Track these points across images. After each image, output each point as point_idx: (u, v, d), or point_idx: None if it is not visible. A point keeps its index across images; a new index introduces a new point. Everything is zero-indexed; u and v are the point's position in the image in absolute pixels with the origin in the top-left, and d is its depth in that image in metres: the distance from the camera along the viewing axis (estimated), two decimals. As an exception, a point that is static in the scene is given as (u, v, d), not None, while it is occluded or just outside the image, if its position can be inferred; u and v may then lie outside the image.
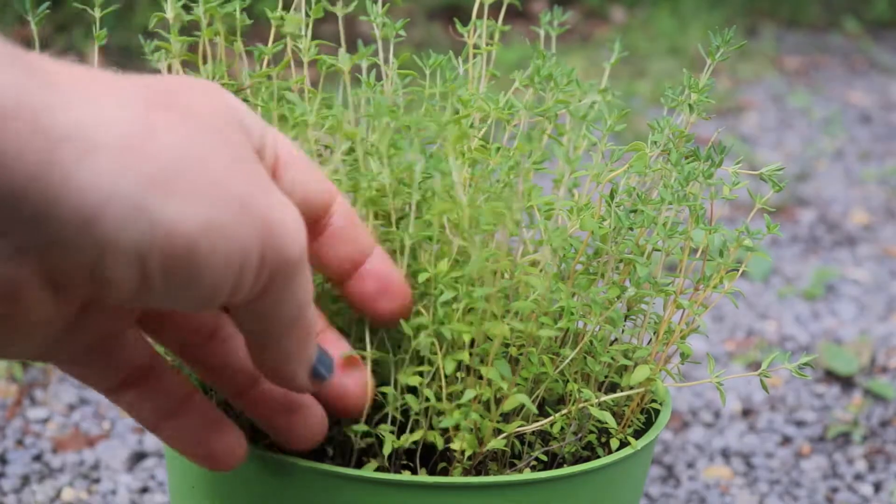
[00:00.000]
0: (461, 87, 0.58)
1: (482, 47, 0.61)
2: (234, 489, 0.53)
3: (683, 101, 0.58)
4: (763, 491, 0.97)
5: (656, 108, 2.10)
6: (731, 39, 0.58)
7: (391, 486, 0.50)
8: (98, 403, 1.03)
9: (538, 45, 0.58)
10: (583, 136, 0.56)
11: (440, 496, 0.50)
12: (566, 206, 0.56)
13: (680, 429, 1.07)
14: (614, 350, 0.55)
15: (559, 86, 0.55)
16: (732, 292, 0.57)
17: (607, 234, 0.55)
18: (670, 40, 2.81)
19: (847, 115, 2.35)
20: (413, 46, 1.93)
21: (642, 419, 0.58)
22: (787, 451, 1.03)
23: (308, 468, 0.50)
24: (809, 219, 1.70)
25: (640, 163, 0.56)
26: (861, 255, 1.58)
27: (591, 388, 0.56)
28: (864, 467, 1.01)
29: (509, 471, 0.55)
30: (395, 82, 0.61)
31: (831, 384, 1.17)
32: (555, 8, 0.62)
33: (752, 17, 3.32)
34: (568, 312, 0.52)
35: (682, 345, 0.57)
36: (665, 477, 0.99)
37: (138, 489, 0.91)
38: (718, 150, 0.56)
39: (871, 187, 1.87)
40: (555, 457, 0.57)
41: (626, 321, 0.58)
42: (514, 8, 0.61)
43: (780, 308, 1.37)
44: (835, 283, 1.45)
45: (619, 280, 0.56)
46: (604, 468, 0.53)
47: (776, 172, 0.57)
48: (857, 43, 3.13)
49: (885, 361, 1.23)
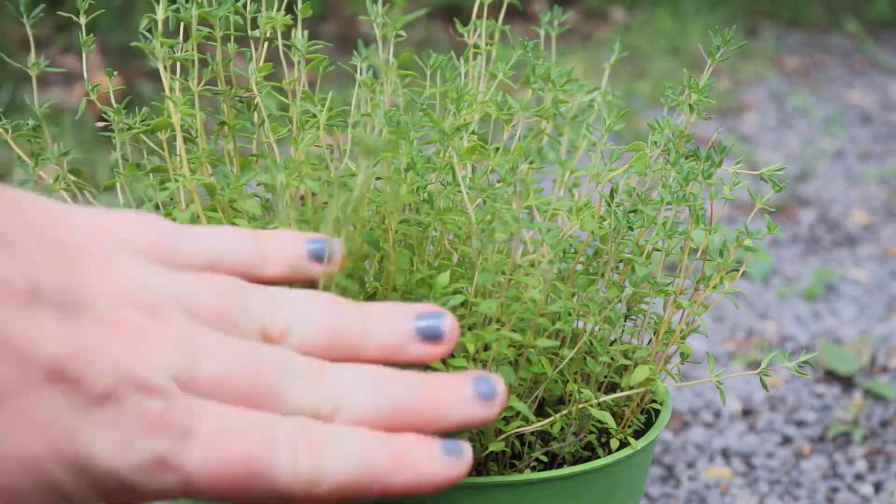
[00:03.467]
0: (464, 89, 0.58)
1: (482, 47, 0.61)
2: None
3: (683, 100, 0.58)
4: (763, 491, 0.97)
5: (656, 108, 2.10)
6: (732, 39, 0.58)
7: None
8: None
9: (525, 45, 0.58)
10: (583, 136, 0.56)
11: (442, 496, 0.50)
12: (565, 207, 0.56)
13: (680, 429, 1.07)
14: (614, 350, 0.55)
15: (557, 86, 0.55)
16: (732, 292, 0.57)
17: (607, 234, 0.55)
18: (670, 40, 2.81)
19: (847, 115, 2.35)
20: (413, 46, 1.93)
21: (642, 419, 0.58)
22: (788, 451, 1.03)
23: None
24: (809, 219, 1.70)
25: (640, 163, 0.56)
26: (861, 255, 1.58)
27: (591, 389, 0.56)
28: (864, 467, 1.01)
29: (509, 471, 0.55)
30: (395, 82, 0.61)
31: (831, 384, 1.17)
32: (555, 8, 0.62)
33: (752, 17, 3.32)
34: (566, 313, 0.52)
35: (682, 345, 0.57)
36: (665, 477, 0.98)
37: (138, 489, 0.91)
38: (718, 150, 0.56)
39: (871, 187, 1.87)
40: (555, 457, 0.57)
41: (626, 321, 0.58)
42: (514, 8, 0.61)
43: (780, 308, 1.37)
44: (835, 283, 1.45)
45: (619, 280, 0.56)
46: (604, 468, 0.53)
47: (776, 172, 0.57)
48: (857, 43, 3.13)
49: (885, 361, 1.22)
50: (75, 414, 0.38)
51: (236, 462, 0.40)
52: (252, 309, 0.44)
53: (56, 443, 0.38)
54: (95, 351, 0.38)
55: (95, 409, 0.38)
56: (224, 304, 0.43)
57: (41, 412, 0.37)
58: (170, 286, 0.42)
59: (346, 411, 0.43)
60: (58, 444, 0.38)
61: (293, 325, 0.44)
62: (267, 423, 0.41)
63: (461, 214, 0.54)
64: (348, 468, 0.41)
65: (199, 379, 0.41)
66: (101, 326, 0.39)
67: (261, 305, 0.44)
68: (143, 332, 0.40)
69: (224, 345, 0.42)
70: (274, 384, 0.42)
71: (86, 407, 0.38)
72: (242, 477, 0.40)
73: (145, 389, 0.39)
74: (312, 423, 0.42)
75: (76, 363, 0.38)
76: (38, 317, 0.38)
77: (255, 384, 0.42)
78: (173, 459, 0.39)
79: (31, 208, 0.41)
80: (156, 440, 0.39)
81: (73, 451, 0.38)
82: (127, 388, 0.39)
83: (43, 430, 0.37)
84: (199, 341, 0.41)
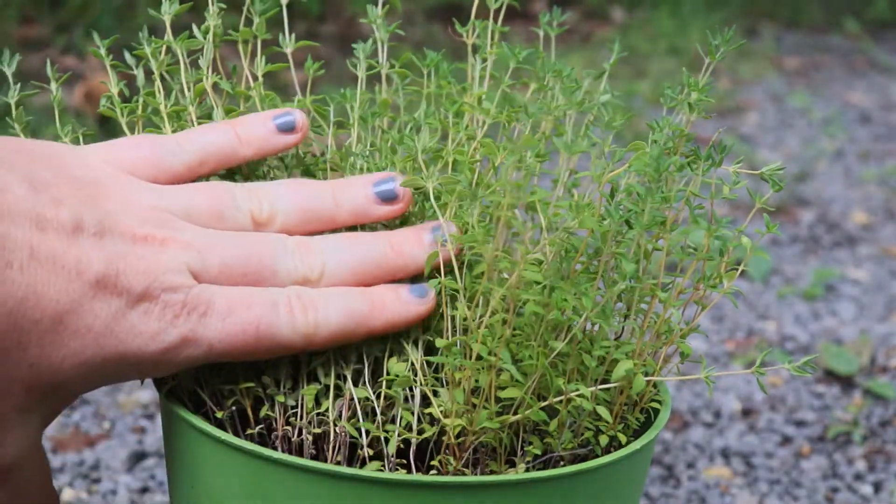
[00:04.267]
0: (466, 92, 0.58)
1: (484, 48, 0.61)
2: (233, 488, 0.53)
3: (683, 100, 0.58)
4: (763, 491, 0.97)
5: (656, 108, 2.10)
6: (731, 39, 0.58)
7: (391, 485, 0.50)
8: (98, 403, 1.03)
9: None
10: (583, 136, 0.56)
11: (439, 496, 0.50)
12: (564, 206, 0.56)
13: (680, 429, 1.07)
14: (607, 344, 0.55)
15: (565, 86, 0.55)
16: (732, 292, 0.57)
17: (607, 234, 0.55)
18: (670, 40, 2.81)
19: (847, 115, 2.35)
20: (413, 46, 1.93)
21: (642, 419, 0.58)
22: (787, 451, 1.03)
23: (305, 467, 0.50)
24: (809, 219, 1.70)
25: (640, 163, 0.56)
26: (861, 255, 1.58)
27: (587, 384, 0.56)
28: (864, 467, 1.01)
29: (507, 469, 0.55)
30: (396, 82, 0.61)
31: (831, 384, 1.17)
32: (554, 8, 0.62)
33: (751, 17, 3.32)
34: (558, 303, 0.52)
35: (681, 344, 0.57)
36: (665, 477, 0.99)
37: (138, 489, 0.91)
38: (719, 150, 0.56)
39: (871, 187, 1.87)
40: (553, 456, 0.57)
41: (626, 321, 0.58)
42: (513, 8, 0.61)
43: (780, 308, 1.37)
44: (835, 283, 1.45)
45: (618, 279, 0.56)
46: (603, 468, 0.53)
47: (776, 172, 0.57)
48: (857, 43, 3.13)
49: (885, 361, 1.22)
50: (117, 317, 0.48)
51: (247, 328, 0.50)
52: (240, 204, 0.53)
53: (103, 346, 0.48)
54: (128, 263, 0.48)
55: (132, 310, 0.48)
56: (217, 205, 0.52)
57: (92, 322, 0.47)
58: (172, 200, 0.52)
59: (330, 274, 0.53)
60: (105, 346, 0.48)
61: (276, 210, 0.53)
62: (268, 294, 0.51)
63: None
64: (338, 319, 0.51)
65: (209, 269, 0.50)
66: (129, 244, 0.49)
67: (246, 199, 0.53)
68: (160, 241, 0.50)
69: (224, 238, 0.51)
70: (269, 262, 0.52)
71: (124, 310, 0.48)
72: (253, 338, 0.50)
73: (170, 286, 0.49)
74: (304, 289, 0.52)
75: (116, 274, 0.48)
76: (82, 244, 0.47)
77: (254, 265, 0.51)
78: (196, 336, 0.49)
79: (58, 154, 0.51)
80: (181, 324, 0.49)
81: (116, 347, 0.48)
82: (156, 287, 0.48)
83: (95, 336, 0.47)
84: (205, 240, 0.51)
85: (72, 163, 0.51)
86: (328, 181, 0.55)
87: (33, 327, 0.46)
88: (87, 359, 0.48)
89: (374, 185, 0.54)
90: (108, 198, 0.50)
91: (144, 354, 0.49)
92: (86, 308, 0.47)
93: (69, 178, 0.49)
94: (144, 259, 0.48)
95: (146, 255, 0.49)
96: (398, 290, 0.53)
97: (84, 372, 0.48)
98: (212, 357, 0.50)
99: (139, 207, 0.50)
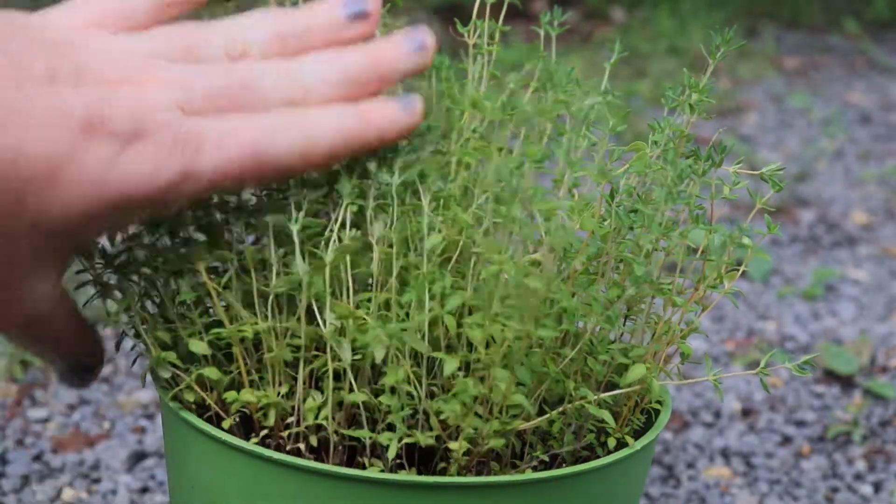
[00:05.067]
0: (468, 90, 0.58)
1: (483, 47, 0.61)
2: (233, 488, 0.53)
3: (684, 100, 0.58)
4: (763, 491, 0.97)
5: (656, 108, 2.10)
6: (731, 39, 0.58)
7: (391, 486, 0.50)
8: (98, 403, 1.03)
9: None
10: (583, 136, 0.56)
11: (440, 496, 0.50)
12: (565, 208, 0.56)
13: (680, 429, 1.07)
14: (613, 349, 0.55)
15: (560, 86, 0.55)
16: (732, 292, 0.57)
17: (607, 234, 0.55)
18: (670, 40, 2.81)
19: (847, 115, 2.35)
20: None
21: (642, 419, 0.58)
22: (787, 451, 1.03)
23: (306, 467, 0.50)
24: (809, 219, 1.70)
25: (640, 163, 0.56)
26: (861, 255, 1.58)
27: (591, 388, 0.56)
28: (864, 467, 1.01)
29: (511, 471, 0.55)
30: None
31: (831, 384, 1.17)
32: (555, 8, 0.62)
33: (752, 17, 3.32)
34: (571, 314, 0.52)
35: (682, 344, 0.57)
36: (665, 477, 0.99)
37: (138, 489, 0.91)
38: (719, 150, 0.56)
39: (871, 187, 1.87)
40: (555, 457, 0.57)
41: (626, 321, 0.58)
42: (514, 8, 0.61)
43: (780, 308, 1.37)
44: (835, 283, 1.45)
45: (620, 280, 0.56)
46: (604, 468, 0.53)
47: (776, 172, 0.57)
48: (857, 43, 3.13)
49: (885, 361, 1.23)
50: (112, 161, 0.48)
51: (243, 155, 0.50)
52: (212, 40, 0.53)
53: (103, 190, 0.48)
54: (112, 106, 0.48)
55: (124, 152, 0.48)
56: (189, 44, 0.53)
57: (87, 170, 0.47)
58: (144, 44, 0.52)
59: (316, 92, 0.53)
60: (105, 190, 0.48)
61: (249, 41, 0.53)
62: (257, 119, 0.51)
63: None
64: (333, 134, 0.51)
65: (195, 103, 0.50)
66: (110, 87, 0.49)
67: (217, 35, 0.53)
68: (140, 82, 0.50)
69: (205, 71, 0.51)
70: (252, 88, 0.52)
71: (118, 152, 0.48)
72: (251, 164, 0.50)
73: (158, 124, 0.48)
74: (295, 109, 0.52)
75: (101, 119, 0.48)
76: (62, 91, 0.47)
77: (238, 92, 0.51)
78: (193, 169, 0.49)
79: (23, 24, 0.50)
80: (176, 160, 0.49)
81: (117, 190, 0.48)
82: (144, 127, 0.48)
83: (92, 182, 0.47)
84: (185, 75, 0.51)
85: (39, 26, 0.51)
86: (297, 7, 0.55)
87: (28, 184, 0.46)
88: (89, 205, 0.48)
89: (343, 5, 0.54)
90: (81, 51, 0.50)
91: (146, 194, 0.49)
92: (78, 156, 0.47)
93: (40, 41, 0.49)
94: (128, 100, 0.49)
95: (129, 97, 0.49)
96: (387, 103, 0.53)
97: (90, 219, 0.48)
98: (213, 189, 0.51)
99: (113, 54, 0.51)
